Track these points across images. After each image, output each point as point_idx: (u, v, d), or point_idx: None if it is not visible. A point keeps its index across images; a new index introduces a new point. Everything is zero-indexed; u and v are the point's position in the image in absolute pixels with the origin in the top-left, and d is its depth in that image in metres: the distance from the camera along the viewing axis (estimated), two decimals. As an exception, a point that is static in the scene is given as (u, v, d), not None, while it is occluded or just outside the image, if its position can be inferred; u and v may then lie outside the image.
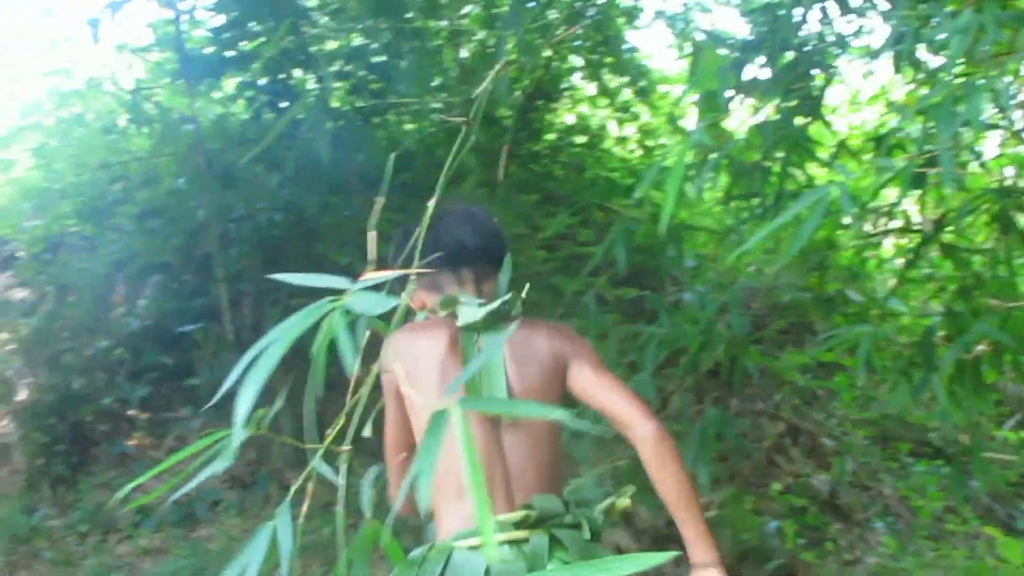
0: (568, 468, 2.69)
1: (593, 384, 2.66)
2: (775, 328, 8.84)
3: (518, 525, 2.40)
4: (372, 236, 2.09)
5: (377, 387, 1.84)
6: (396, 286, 2.51)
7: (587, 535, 2.48)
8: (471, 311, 2.66)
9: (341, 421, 1.93)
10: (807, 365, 8.43)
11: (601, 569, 1.32)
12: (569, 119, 11.39)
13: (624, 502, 2.70)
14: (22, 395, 9.52)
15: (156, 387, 8.86)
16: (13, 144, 10.76)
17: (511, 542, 2.37)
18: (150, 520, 7.36)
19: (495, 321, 2.64)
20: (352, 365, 1.57)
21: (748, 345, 4.90)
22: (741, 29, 9.23)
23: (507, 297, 2.72)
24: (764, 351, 8.66)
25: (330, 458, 1.95)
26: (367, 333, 2.00)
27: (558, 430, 2.68)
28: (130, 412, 8.81)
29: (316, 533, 6.40)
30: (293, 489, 1.91)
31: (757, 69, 3.99)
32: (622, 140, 11.41)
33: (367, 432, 1.97)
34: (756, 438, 8.16)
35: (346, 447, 1.88)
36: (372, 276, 1.74)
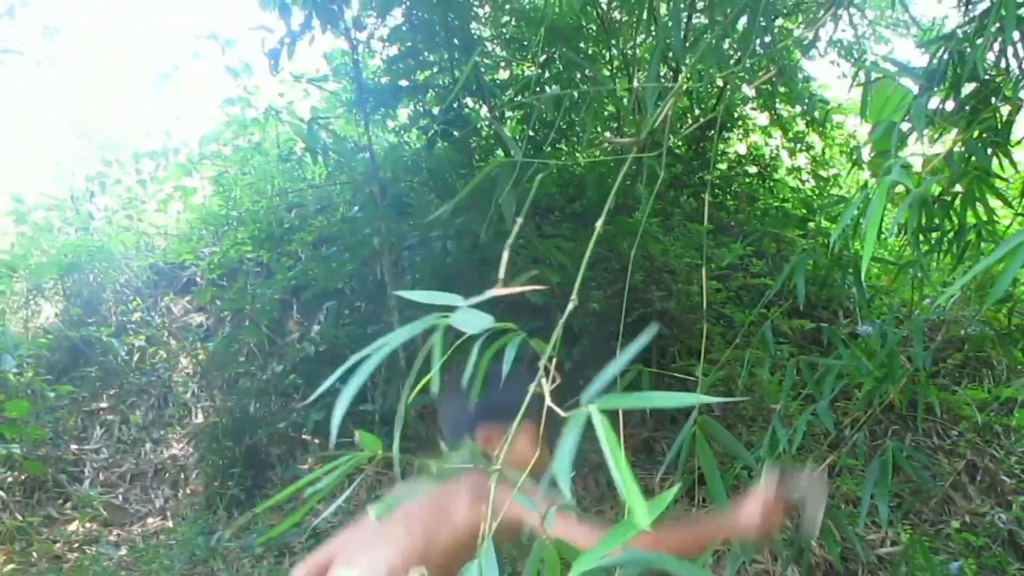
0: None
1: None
2: (952, 362, 8.65)
3: None
4: (506, 256, 2.10)
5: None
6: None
7: None
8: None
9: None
10: (986, 400, 8.21)
11: None
12: (741, 149, 11.30)
13: None
14: (199, 418, 9.73)
15: (329, 412, 8.95)
16: (194, 172, 11.01)
17: None
18: (322, 542, 7.45)
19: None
20: (437, 379, 1.63)
21: (928, 379, 4.78)
22: (917, 59, 9.07)
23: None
24: (942, 386, 8.47)
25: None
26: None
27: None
28: (304, 436, 8.93)
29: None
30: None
31: (938, 100, 3.90)
32: (795, 170, 11.29)
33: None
34: (934, 475, 7.98)
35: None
36: (494, 292, 1.85)
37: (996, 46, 3.84)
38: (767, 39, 8.01)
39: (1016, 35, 3.72)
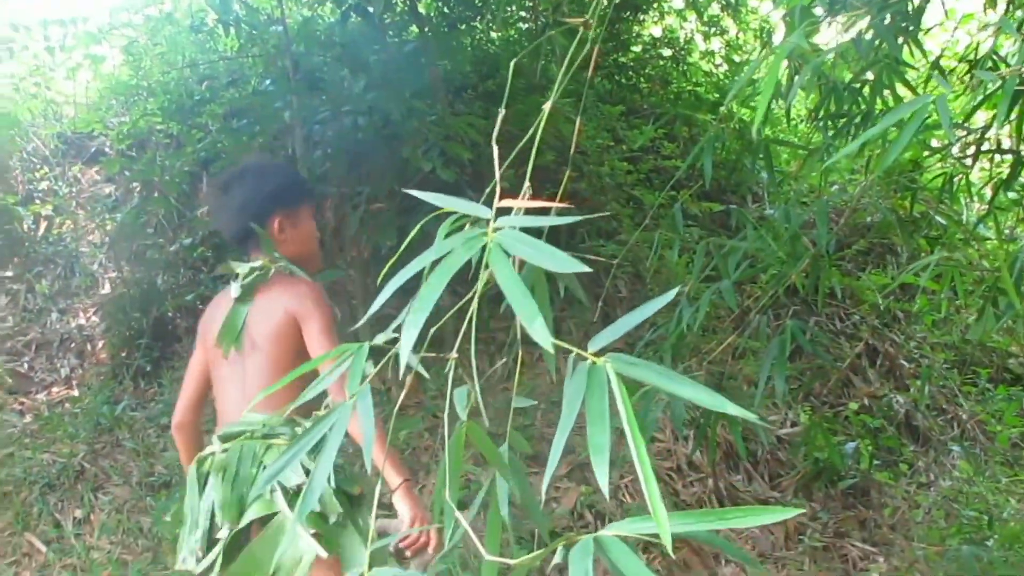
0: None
1: (314, 345, 3.31)
2: (857, 248, 8.79)
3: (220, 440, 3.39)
4: (496, 150, 2.02)
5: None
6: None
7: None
8: (241, 275, 3.46)
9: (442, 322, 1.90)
10: (888, 287, 8.37)
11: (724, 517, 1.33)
12: (656, 32, 11.29)
13: None
14: (106, 289, 9.68)
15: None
16: (103, 41, 10.82)
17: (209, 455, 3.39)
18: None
19: (254, 282, 3.45)
20: (541, 330, 1.32)
21: (831, 263, 4.87)
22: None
23: (257, 265, 3.44)
24: (846, 271, 8.61)
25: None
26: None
27: (293, 361, 3.37)
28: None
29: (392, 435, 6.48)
30: (372, 372, 1.86)
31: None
32: (709, 54, 11.32)
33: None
34: (834, 357, 8.14)
35: (452, 355, 1.86)
36: (508, 203, 1.65)
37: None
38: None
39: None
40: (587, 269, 1.41)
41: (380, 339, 1.86)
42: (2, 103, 10.89)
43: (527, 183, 2.02)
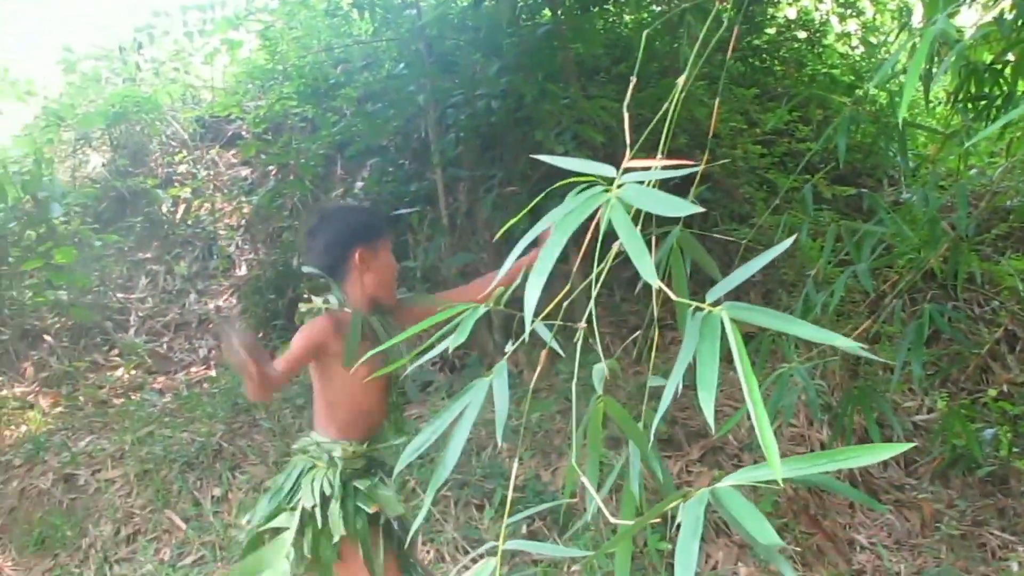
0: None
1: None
2: (997, 232, 8.62)
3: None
4: (627, 117, 2.03)
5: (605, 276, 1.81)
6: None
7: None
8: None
9: (565, 293, 1.91)
10: (1029, 271, 8.20)
11: (839, 458, 1.33)
12: (790, 13, 11.17)
13: None
14: (243, 271, 9.84)
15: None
16: (240, 26, 10.98)
17: None
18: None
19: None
20: (647, 267, 1.38)
21: (969, 247, 4.79)
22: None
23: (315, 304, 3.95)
24: (985, 255, 8.45)
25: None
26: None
27: (321, 383, 3.90)
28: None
29: (517, 416, 6.49)
30: (510, 349, 1.89)
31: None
32: (844, 36, 11.17)
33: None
34: (973, 344, 7.99)
35: (582, 324, 1.86)
36: (635, 163, 1.63)
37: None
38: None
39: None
40: (699, 209, 1.45)
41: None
42: (143, 87, 11.10)
43: (659, 156, 2.01)
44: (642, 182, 1.55)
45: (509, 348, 1.88)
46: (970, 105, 4.53)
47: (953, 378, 7.89)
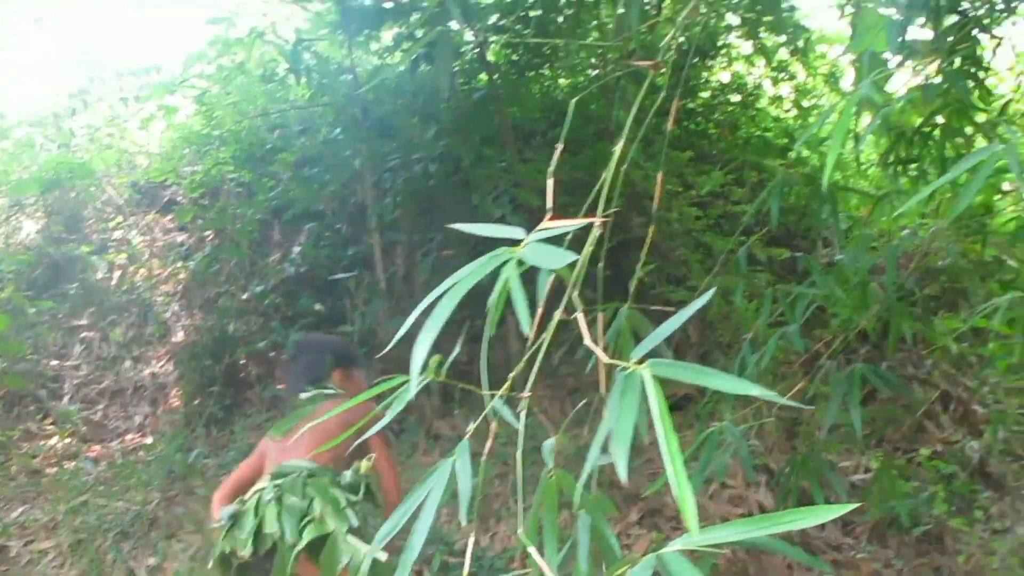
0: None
1: (378, 456, 4.21)
2: (928, 293, 8.72)
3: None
4: (550, 183, 2.07)
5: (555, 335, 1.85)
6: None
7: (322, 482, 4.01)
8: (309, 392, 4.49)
9: (520, 367, 1.93)
10: (960, 331, 8.29)
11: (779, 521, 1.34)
12: (724, 77, 11.30)
13: (367, 464, 4.16)
14: (179, 337, 9.77)
15: (309, 332, 9.03)
16: (176, 91, 10.97)
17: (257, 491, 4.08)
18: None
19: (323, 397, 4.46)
20: (527, 318, 1.51)
21: (902, 307, 4.84)
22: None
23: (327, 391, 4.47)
24: (917, 315, 8.55)
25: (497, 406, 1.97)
26: (550, 280, 2.00)
27: (341, 453, 4.17)
28: (283, 356, 8.99)
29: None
30: (471, 428, 1.92)
31: (919, 30, 3.93)
32: (777, 99, 11.30)
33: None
34: (907, 403, 8.07)
35: (526, 394, 1.88)
36: (549, 225, 1.69)
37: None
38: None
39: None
40: (574, 256, 1.53)
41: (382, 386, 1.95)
42: (78, 154, 11.05)
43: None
44: (559, 243, 1.61)
45: (471, 427, 1.92)
46: (900, 168, 4.61)
47: (888, 438, 7.96)
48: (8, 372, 8.77)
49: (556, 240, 1.64)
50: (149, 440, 8.60)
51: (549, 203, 1.98)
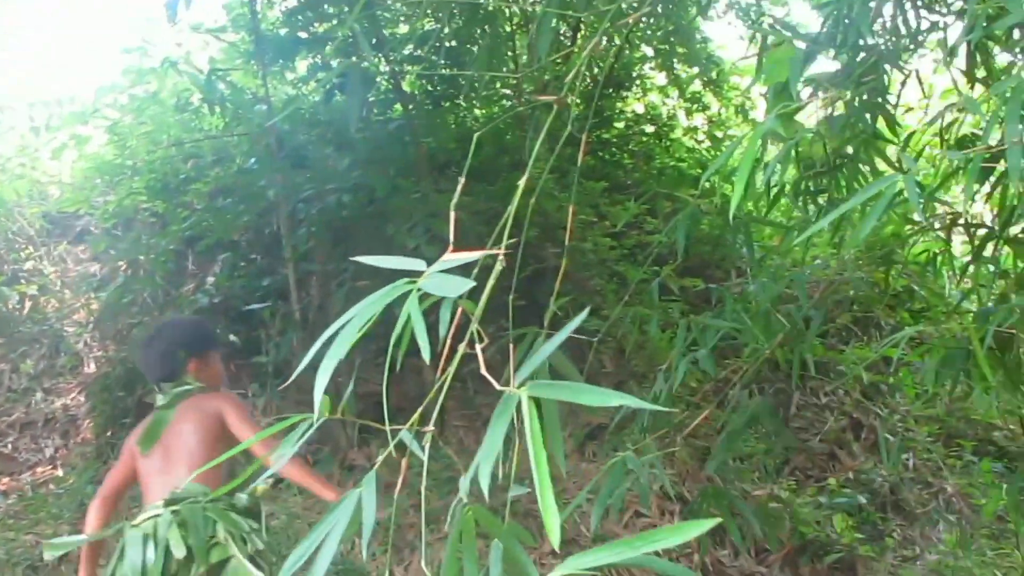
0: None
1: (237, 427, 4.25)
2: (840, 322, 8.82)
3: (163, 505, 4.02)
4: (453, 216, 2.11)
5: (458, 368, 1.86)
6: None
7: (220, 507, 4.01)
8: (163, 396, 4.39)
9: (429, 398, 1.94)
10: (871, 360, 8.39)
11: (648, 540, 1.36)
12: (639, 108, 11.39)
13: (263, 487, 4.25)
14: (91, 368, 9.67)
15: (223, 364, 8.96)
16: (88, 120, 10.89)
17: (152, 517, 3.99)
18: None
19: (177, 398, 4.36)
20: (425, 347, 1.54)
21: (807, 336, 4.90)
22: (813, 22, 9.20)
23: (170, 395, 4.37)
24: (829, 344, 8.63)
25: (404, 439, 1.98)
26: (458, 312, 2.01)
27: (219, 446, 4.19)
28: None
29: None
30: (380, 459, 1.93)
31: (828, 63, 3.98)
32: (691, 130, 11.42)
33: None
34: (817, 431, 8.15)
35: (429, 428, 1.90)
36: (450, 258, 1.71)
37: (888, 11, 3.93)
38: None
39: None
40: (471, 284, 1.59)
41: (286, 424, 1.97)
42: (-12, 183, 10.94)
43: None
44: (465, 273, 1.64)
45: (379, 459, 1.94)
46: (809, 199, 4.67)
47: (800, 466, 8.03)
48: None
49: (461, 270, 1.65)
50: (60, 472, 8.50)
51: (451, 235, 2.00)
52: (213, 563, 3.88)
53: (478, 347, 1.73)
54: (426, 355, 1.54)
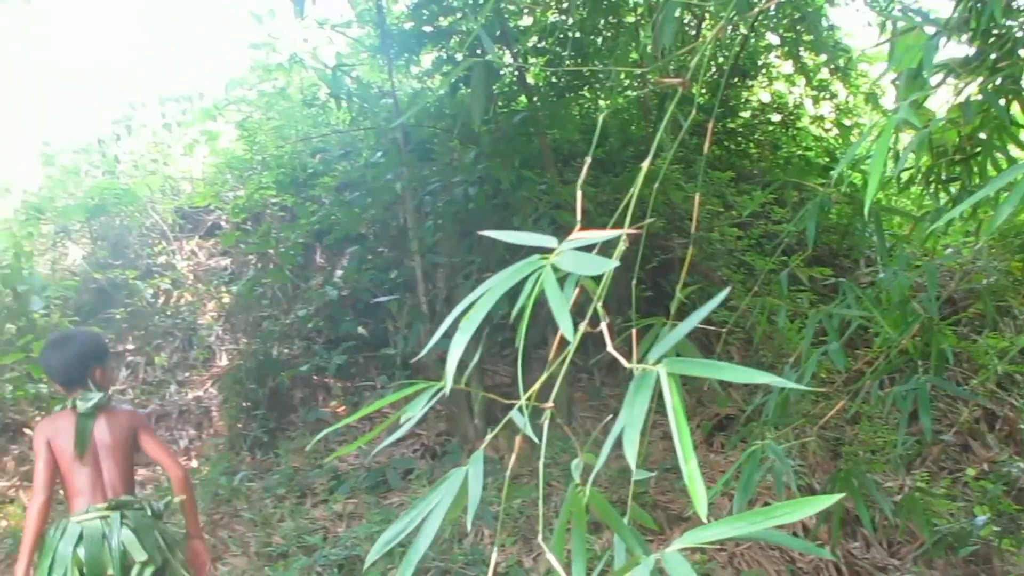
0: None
1: (150, 446, 4.85)
2: (973, 311, 8.66)
3: (107, 508, 4.59)
4: (579, 195, 2.07)
5: (584, 360, 1.85)
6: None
7: (149, 514, 4.66)
8: (85, 403, 4.72)
9: (545, 376, 1.93)
10: (1006, 349, 8.23)
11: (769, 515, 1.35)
12: (765, 97, 11.29)
13: (176, 501, 4.78)
14: (223, 361, 9.82)
15: (352, 356, 9.06)
16: (219, 117, 11.05)
17: (101, 517, 4.56)
18: (344, 486, 7.51)
19: (90, 413, 4.73)
20: (566, 321, 1.49)
21: (943, 326, 4.81)
22: (944, 6, 9.04)
23: (100, 395, 4.74)
24: (962, 335, 8.48)
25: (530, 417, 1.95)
26: (576, 291, 1.99)
27: (131, 456, 4.82)
28: (326, 379, 9.02)
29: (498, 502, 6.44)
30: (488, 438, 1.92)
31: (960, 48, 3.90)
32: (818, 119, 11.27)
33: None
34: (951, 423, 8.01)
35: (549, 404, 1.88)
36: (580, 235, 1.69)
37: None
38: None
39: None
40: (613, 263, 1.54)
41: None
42: (122, 179, 11.14)
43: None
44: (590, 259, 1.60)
45: (489, 435, 1.91)
46: (941, 186, 4.58)
47: (933, 458, 7.90)
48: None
49: (588, 250, 1.63)
50: (194, 464, 8.64)
51: (578, 214, 1.97)
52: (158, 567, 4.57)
53: (603, 325, 1.70)
54: (568, 333, 1.50)
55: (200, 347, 10.06)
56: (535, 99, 8.46)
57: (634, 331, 2.39)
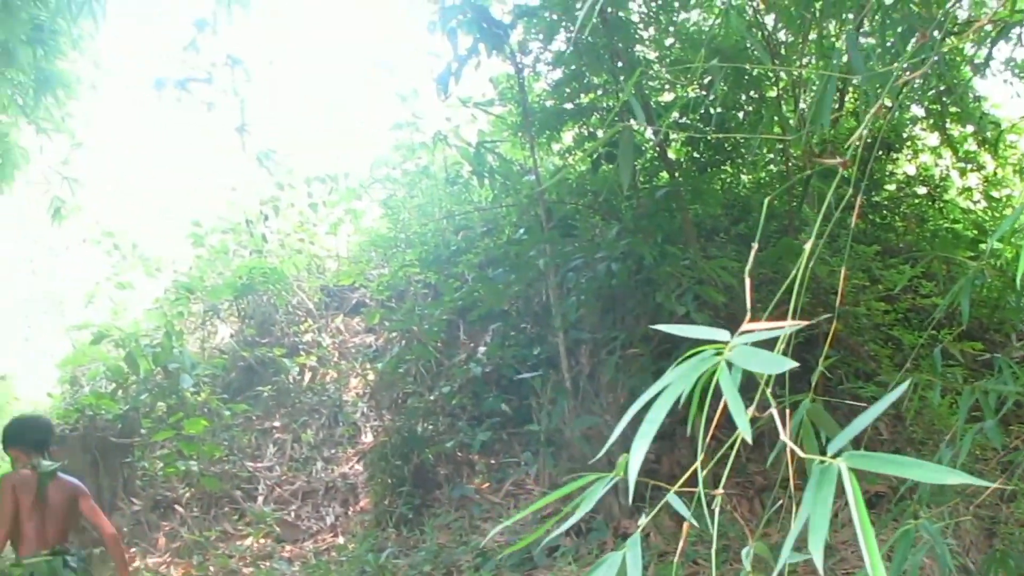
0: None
1: (88, 510, 5.64)
2: None
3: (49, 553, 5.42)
4: (748, 282, 2.05)
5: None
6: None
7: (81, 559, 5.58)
8: (45, 466, 5.52)
9: (701, 461, 1.90)
10: None
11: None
12: (910, 170, 11.15)
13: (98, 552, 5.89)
14: (368, 438, 9.90)
15: (495, 432, 9.07)
16: (363, 195, 11.22)
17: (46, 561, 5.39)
18: (489, 563, 7.48)
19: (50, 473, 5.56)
20: (743, 421, 1.46)
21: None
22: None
23: (55, 464, 5.62)
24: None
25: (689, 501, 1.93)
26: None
27: (74, 513, 5.65)
28: (471, 456, 9.04)
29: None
30: (643, 522, 1.89)
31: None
32: (966, 191, 11.09)
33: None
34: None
35: (719, 491, 1.86)
36: (752, 326, 1.66)
37: None
38: (936, 58, 7.88)
39: None
40: (792, 364, 1.48)
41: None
42: (270, 258, 11.34)
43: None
44: (758, 343, 1.56)
45: (643, 520, 1.89)
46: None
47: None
48: (205, 474, 8.97)
49: (761, 344, 1.61)
50: (341, 540, 8.70)
51: (748, 303, 1.95)
52: None
53: (773, 409, 1.68)
54: (747, 434, 1.48)
55: (346, 424, 10.16)
56: (677, 174, 8.46)
57: (787, 410, 2.37)
